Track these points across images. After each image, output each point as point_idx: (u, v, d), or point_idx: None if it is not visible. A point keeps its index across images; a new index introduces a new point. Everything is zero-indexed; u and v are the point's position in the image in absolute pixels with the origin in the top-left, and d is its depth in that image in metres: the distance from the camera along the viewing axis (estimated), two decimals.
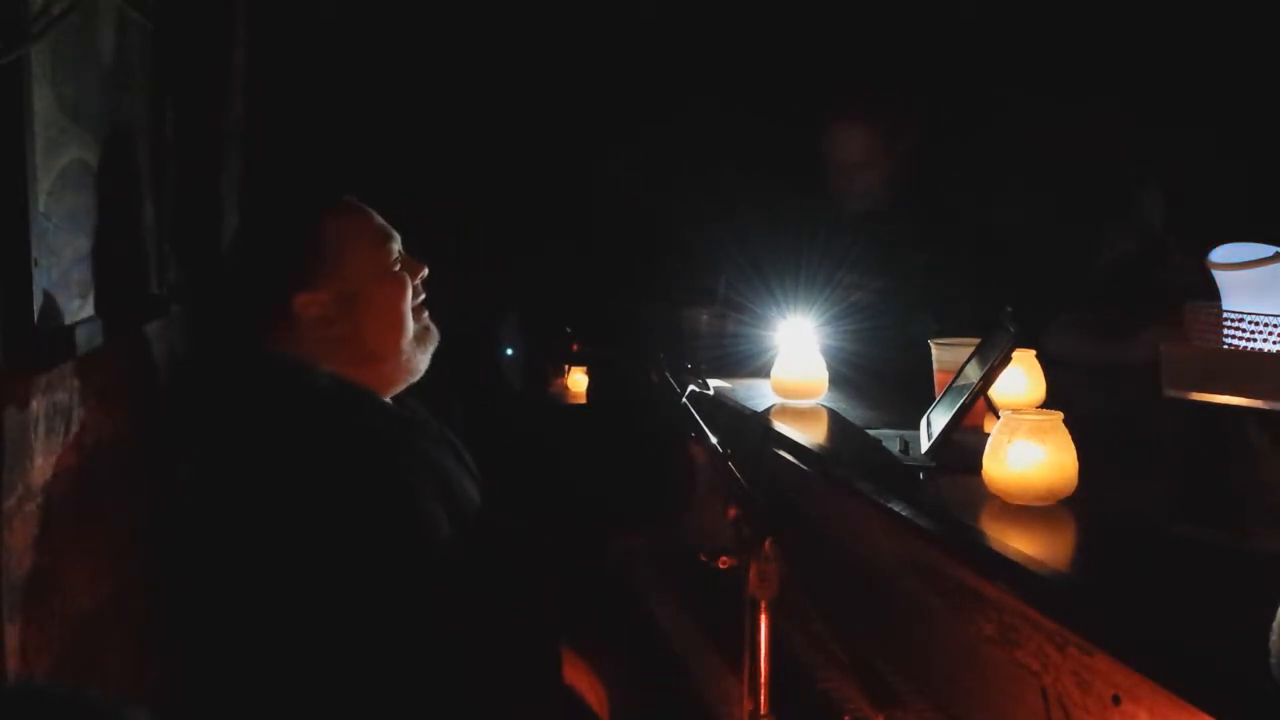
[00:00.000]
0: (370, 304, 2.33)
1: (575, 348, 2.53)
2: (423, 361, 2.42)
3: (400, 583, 2.12)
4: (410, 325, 2.38)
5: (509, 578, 2.37)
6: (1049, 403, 2.45)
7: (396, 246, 2.39)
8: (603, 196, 4.40)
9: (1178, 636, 1.43)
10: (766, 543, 1.68)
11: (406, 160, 3.87)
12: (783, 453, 2.57)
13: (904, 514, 2.03)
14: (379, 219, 2.38)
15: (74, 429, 2.00)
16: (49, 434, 1.88)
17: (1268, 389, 1.74)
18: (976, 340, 2.42)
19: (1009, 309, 2.31)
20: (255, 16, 3.27)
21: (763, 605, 1.69)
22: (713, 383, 2.90)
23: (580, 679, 2.36)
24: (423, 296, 2.43)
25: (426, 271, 2.43)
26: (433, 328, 2.44)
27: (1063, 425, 1.99)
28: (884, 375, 3.15)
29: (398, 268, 2.37)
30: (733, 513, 1.73)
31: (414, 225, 2.46)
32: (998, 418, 2.09)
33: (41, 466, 1.85)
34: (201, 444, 2.28)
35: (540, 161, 4.31)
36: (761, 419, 2.77)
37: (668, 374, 2.30)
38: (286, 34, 3.50)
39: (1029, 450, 1.98)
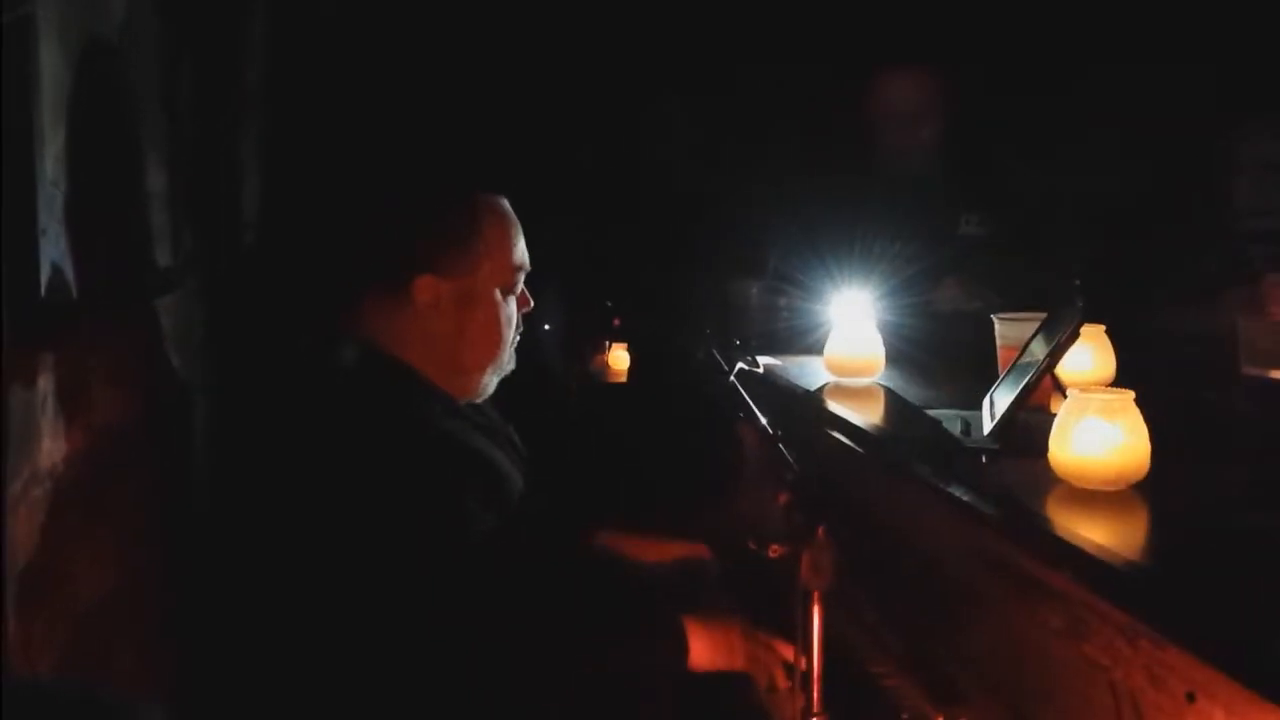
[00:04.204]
0: (483, 314, 2.33)
1: (616, 323, 2.52)
2: (491, 387, 2.43)
3: (435, 573, 2.10)
4: (506, 350, 2.40)
5: (542, 567, 2.35)
6: (1119, 381, 2.40)
7: (523, 275, 2.40)
8: (649, 165, 4.40)
9: (1256, 631, 1.38)
10: (819, 530, 1.68)
11: (441, 124, 3.83)
12: (836, 434, 2.55)
13: (965, 499, 2.00)
14: (523, 240, 2.40)
15: (83, 409, 1.96)
16: (57, 414, 1.85)
17: None
18: (1042, 315, 2.38)
19: (1077, 282, 2.26)
20: None
21: (815, 597, 1.71)
22: (762, 360, 2.89)
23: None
24: (521, 330, 2.45)
25: (531, 308, 2.46)
26: (513, 359, 2.45)
27: (1134, 405, 1.94)
28: (944, 351, 3.12)
29: (516, 292, 2.40)
30: (784, 498, 1.74)
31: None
32: (1065, 397, 2.05)
33: (49, 449, 1.81)
34: (272, 418, 2.29)
35: (584, 127, 4.32)
36: (814, 399, 2.75)
37: (715, 351, 2.28)
38: None
39: (1098, 431, 1.92)
